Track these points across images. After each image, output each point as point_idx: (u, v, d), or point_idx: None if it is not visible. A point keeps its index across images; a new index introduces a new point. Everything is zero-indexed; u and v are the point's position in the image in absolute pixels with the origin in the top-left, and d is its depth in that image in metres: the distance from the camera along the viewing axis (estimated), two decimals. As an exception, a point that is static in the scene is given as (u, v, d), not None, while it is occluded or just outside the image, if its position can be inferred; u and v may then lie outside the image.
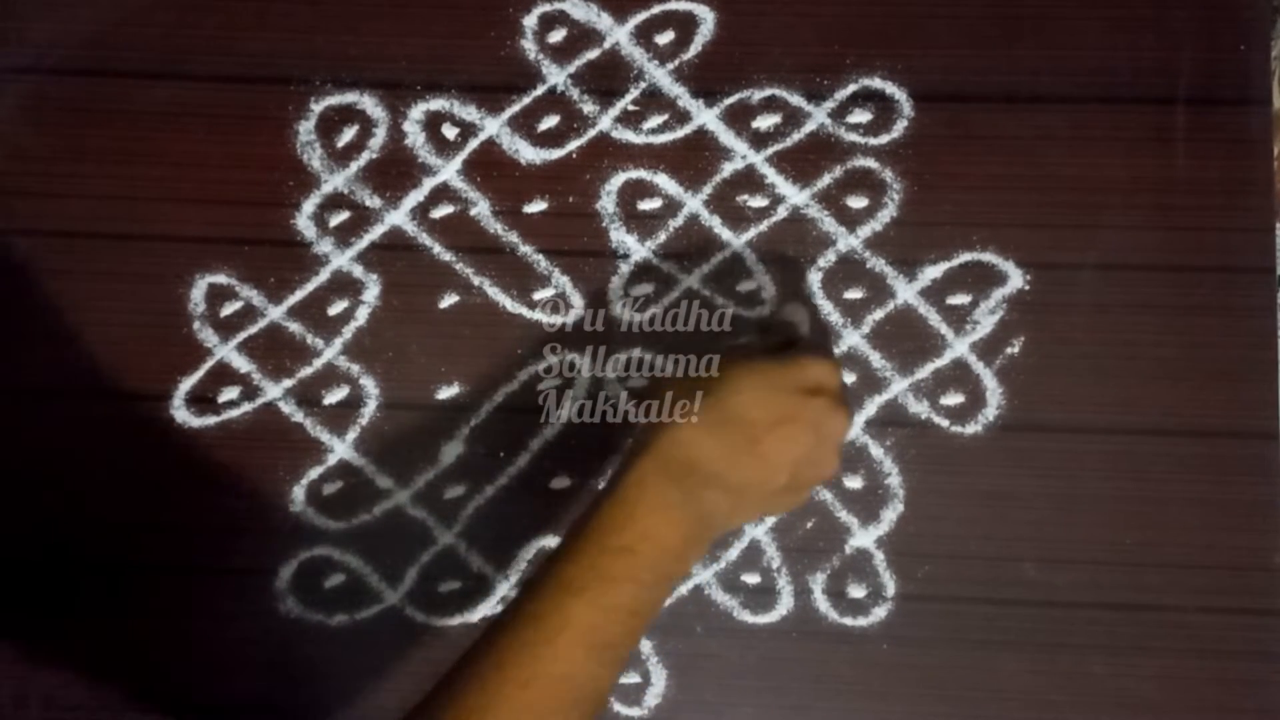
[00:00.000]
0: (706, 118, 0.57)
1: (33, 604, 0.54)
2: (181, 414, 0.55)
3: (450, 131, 0.57)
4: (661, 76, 0.57)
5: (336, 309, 0.56)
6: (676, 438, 0.43)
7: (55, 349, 0.56)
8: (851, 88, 0.57)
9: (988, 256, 0.55)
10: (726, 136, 0.57)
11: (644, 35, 0.57)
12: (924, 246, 0.56)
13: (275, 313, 0.56)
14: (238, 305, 0.56)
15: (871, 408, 0.55)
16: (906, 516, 0.54)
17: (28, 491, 0.55)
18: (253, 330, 0.56)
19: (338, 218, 0.56)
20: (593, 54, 0.57)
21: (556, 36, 0.57)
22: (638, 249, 0.56)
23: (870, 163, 0.56)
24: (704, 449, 0.43)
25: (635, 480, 0.43)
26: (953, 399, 0.55)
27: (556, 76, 0.57)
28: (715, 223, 0.56)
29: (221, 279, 0.56)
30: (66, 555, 0.55)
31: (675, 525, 0.43)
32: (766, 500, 0.45)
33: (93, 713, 0.54)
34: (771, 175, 0.56)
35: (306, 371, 0.56)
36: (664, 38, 0.57)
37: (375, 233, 0.56)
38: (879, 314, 0.55)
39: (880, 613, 0.54)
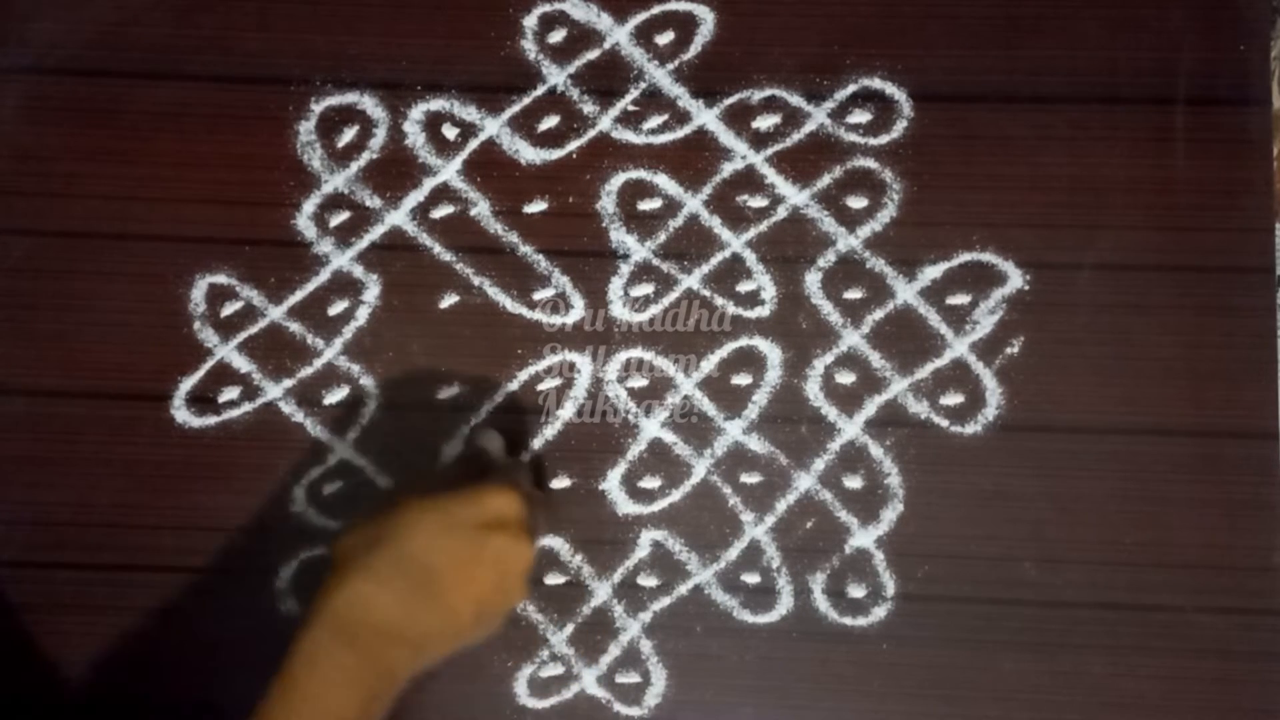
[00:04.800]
0: (706, 118, 0.57)
1: (33, 604, 0.54)
2: (181, 414, 0.55)
3: (450, 131, 0.57)
4: (661, 77, 0.57)
5: (337, 309, 0.56)
6: (347, 597, 0.42)
7: (55, 349, 0.56)
8: (851, 88, 0.57)
9: (988, 256, 0.55)
10: (726, 137, 0.57)
11: (644, 35, 0.57)
12: (924, 246, 0.56)
13: (275, 313, 0.56)
14: (238, 305, 0.56)
15: (871, 408, 0.55)
16: (906, 516, 0.54)
17: (29, 491, 0.55)
18: (253, 330, 0.56)
19: (338, 218, 0.56)
20: (593, 54, 0.57)
21: (556, 37, 0.57)
22: (638, 249, 0.56)
23: (870, 163, 0.56)
24: (380, 606, 0.42)
25: (307, 652, 0.41)
26: (952, 399, 0.55)
27: (556, 77, 0.57)
28: (715, 223, 0.56)
29: (221, 279, 0.56)
30: (67, 555, 0.55)
31: (353, 693, 0.41)
32: (453, 642, 0.44)
33: (93, 712, 0.54)
34: (771, 175, 0.56)
35: (307, 371, 0.56)
36: (664, 38, 0.57)
37: (375, 233, 0.56)
38: (879, 314, 0.55)
39: (880, 613, 0.54)
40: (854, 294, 0.55)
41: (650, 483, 0.55)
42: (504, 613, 0.46)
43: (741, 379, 0.55)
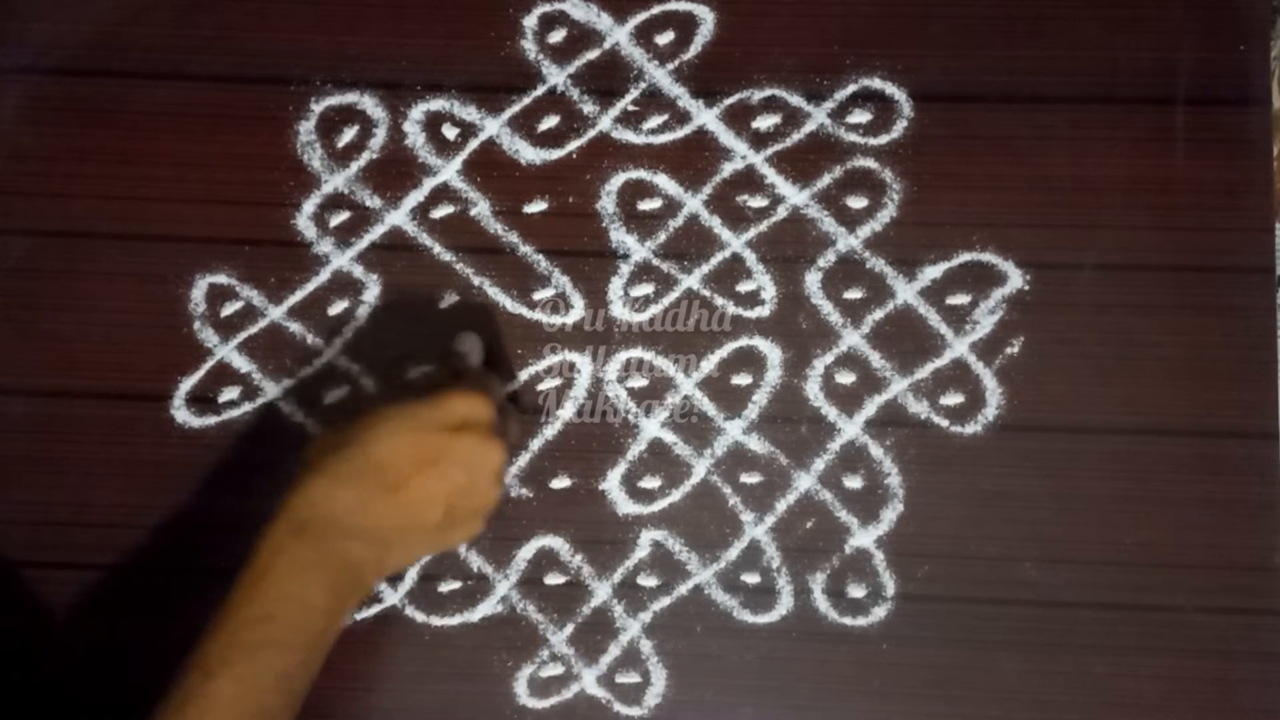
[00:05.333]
0: (706, 118, 0.57)
1: (33, 604, 0.54)
2: (181, 414, 0.55)
3: (450, 131, 0.57)
4: (661, 77, 0.57)
5: (337, 309, 0.56)
6: (307, 496, 0.44)
7: (55, 349, 0.56)
8: (851, 88, 0.57)
9: (987, 256, 0.55)
10: (726, 137, 0.57)
11: (644, 35, 0.57)
12: (924, 246, 0.56)
13: (275, 313, 0.56)
14: (238, 305, 0.56)
15: (871, 408, 0.55)
16: (906, 516, 0.54)
17: (29, 491, 0.55)
18: (253, 330, 0.56)
19: (338, 218, 0.56)
20: (593, 54, 0.57)
21: (556, 36, 0.57)
22: (638, 249, 0.56)
23: (870, 163, 0.56)
24: (337, 502, 0.43)
25: (268, 546, 0.43)
26: (952, 399, 0.55)
27: (556, 77, 0.57)
28: (715, 223, 0.56)
29: (221, 279, 0.56)
30: (67, 555, 0.55)
31: (316, 584, 0.43)
32: (424, 540, 0.46)
33: (93, 713, 0.54)
34: (771, 175, 0.56)
35: (307, 371, 0.56)
36: (664, 38, 0.57)
37: (375, 233, 0.56)
38: (879, 314, 0.55)
39: (880, 613, 0.54)
40: (854, 294, 0.55)
41: (650, 483, 0.55)
42: (478, 513, 0.47)
43: (741, 379, 0.55)
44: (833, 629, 0.54)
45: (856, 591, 0.54)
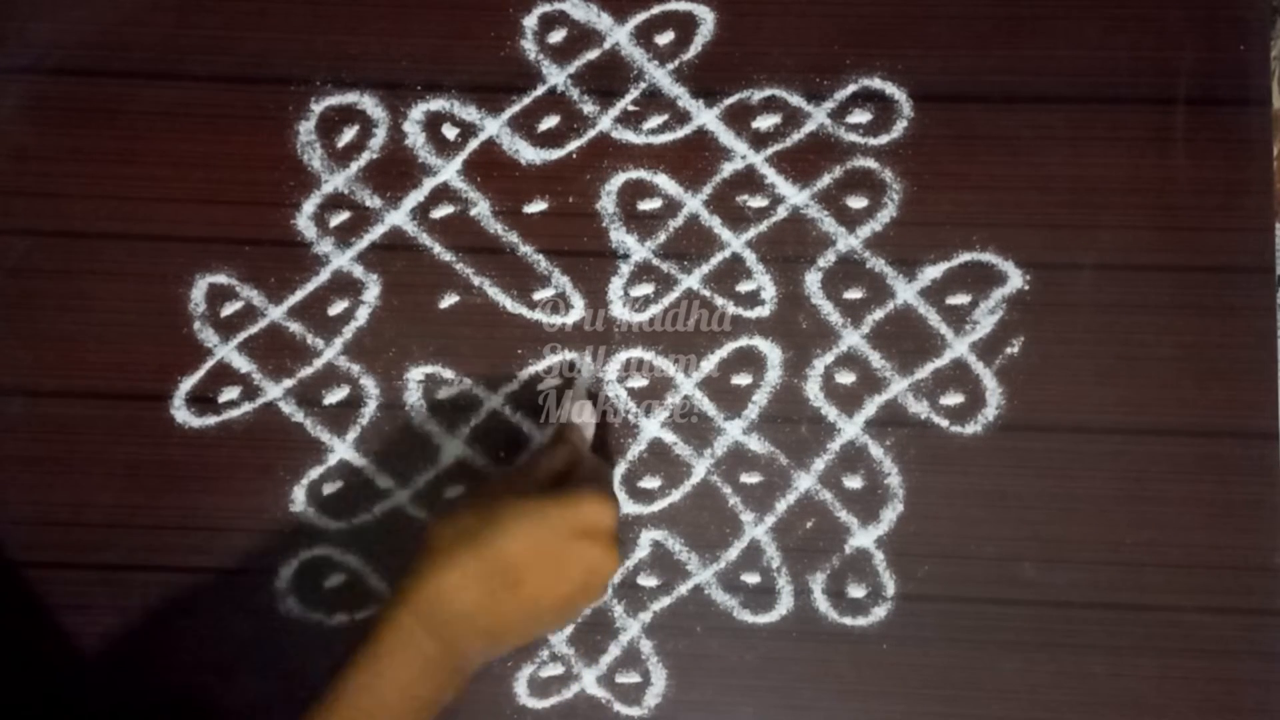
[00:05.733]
0: (706, 118, 0.57)
1: (34, 604, 0.54)
2: (181, 414, 0.55)
3: (450, 131, 0.57)
4: (661, 77, 0.57)
5: (337, 309, 0.56)
6: (440, 590, 0.43)
7: (55, 349, 0.56)
8: (851, 88, 0.57)
9: (987, 256, 0.55)
10: (726, 137, 0.57)
11: (644, 35, 0.57)
12: (924, 246, 0.56)
13: (275, 313, 0.56)
14: (238, 305, 0.56)
15: (871, 408, 0.55)
16: (906, 516, 0.54)
17: (29, 491, 0.55)
18: (253, 330, 0.56)
19: (338, 218, 0.56)
20: (593, 54, 0.57)
21: (556, 37, 0.57)
22: (638, 249, 0.56)
23: (870, 163, 0.56)
24: (468, 598, 0.43)
25: (392, 630, 0.43)
26: (952, 399, 0.55)
27: (556, 77, 0.57)
28: (715, 223, 0.56)
29: (221, 279, 0.56)
30: (67, 555, 0.55)
31: (430, 678, 0.43)
32: (530, 634, 0.46)
33: (93, 713, 0.54)
34: (771, 175, 0.56)
35: (307, 371, 0.56)
36: (664, 38, 0.57)
37: (375, 233, 0.56)
38: (879, 314, 0.55)
39: (880, 613, 0.54)
40: (854, 294, 0.55)
41: (650, 483, 0.55)
42: (586, 607, 0.47)
43: (741, 379, 0.55)
44: (833, 629, 0.54)
45: (856, 591, 0.54)
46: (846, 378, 0.55)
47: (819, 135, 0.56)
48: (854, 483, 0.54)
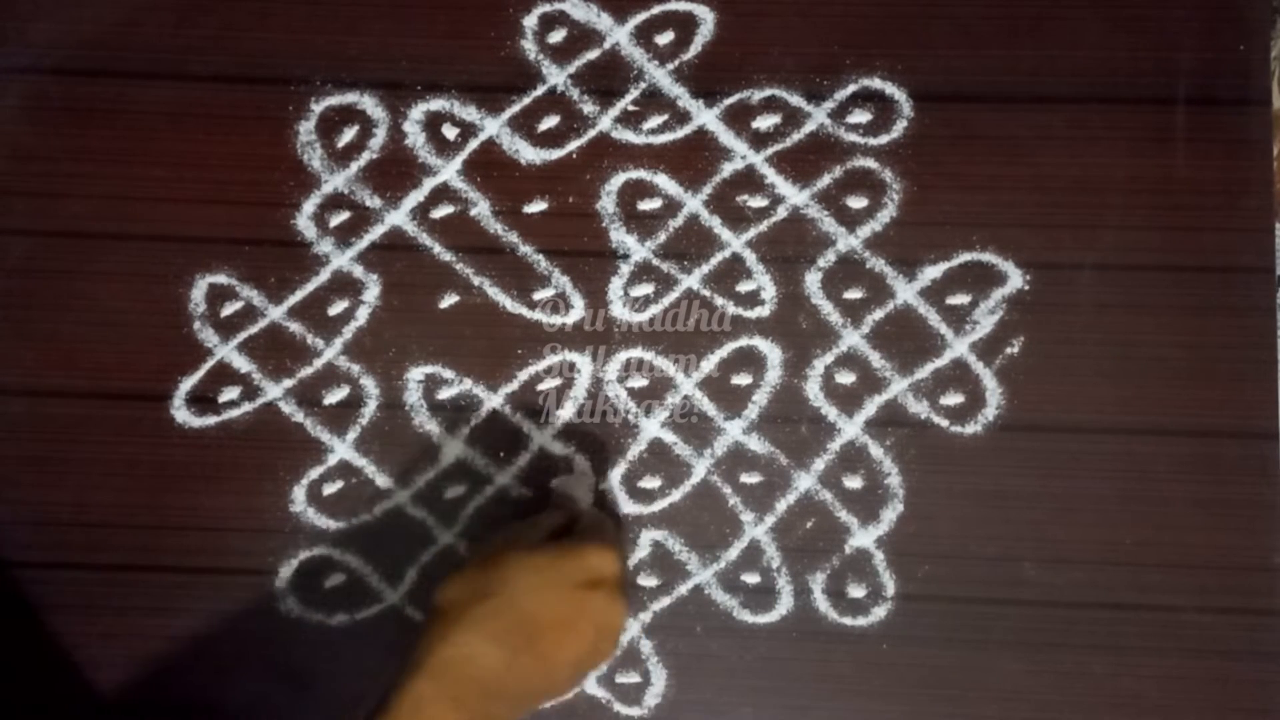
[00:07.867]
0: (706, 118, 0.57)
1: (33, 604, 0.54)
2: (181, 414, 0.55)
3: (450, 131, 0.57)
4: (661, 77, 0.57)
5: (337, 309, 0.56)
6: (461, 654, 0.42)
7: (55, 349, 0.56)
8: (851, 88, 0.57)
9: (987, 256, 0.55)
10: (726, 137, 0.57)
11: (644, 35, 0.57)
12: (924, 246, 0.56)
13: (275, 313, 0.56)
14: (238, 305, 0.56)
15: (871, 408, 0.55)
16: (906, 516, 0.54)
17: (29, 491, 0.55)
18: (253, 330, 0.56)
19: (338, 218, 0.56)
20: (593, 54, 0.57)
21: (556, 37, 0.57)
22: (638, 249, 0.56)
23: (870, 163, 0.56)
24: (488, 662, 0.42)
25: (411, 699, 0.41)
26: (953, 399, 0.55)
27: (556, 77, 0.57)
28: (715, 223, 0.56)
29: (221, 279, 0.56)
30: (67, 555, 0.55)
31: None
32: (547, 696, 0.46)
33: (94, 713, 0.54)
34: (771, 175, 0.56)
35: (307, 371, 0.56)
36: (664, 38, 0.57)
37: (375, 233, 0.56)
38: (879, 314, 0.55)
39: (880, 613, 0.54)
40: (854, 294, 0.55)
41: (650, 483, 0.55)
42: (595, 668, 0.47)
43: (741, 379, 0.55)
44: (833, 629, 0.54)
45: (856, 591, 0.54)
46: (846, 378, 0.55)
47: (819, 135, 0.56)
48: (854, 483, 0.54)
